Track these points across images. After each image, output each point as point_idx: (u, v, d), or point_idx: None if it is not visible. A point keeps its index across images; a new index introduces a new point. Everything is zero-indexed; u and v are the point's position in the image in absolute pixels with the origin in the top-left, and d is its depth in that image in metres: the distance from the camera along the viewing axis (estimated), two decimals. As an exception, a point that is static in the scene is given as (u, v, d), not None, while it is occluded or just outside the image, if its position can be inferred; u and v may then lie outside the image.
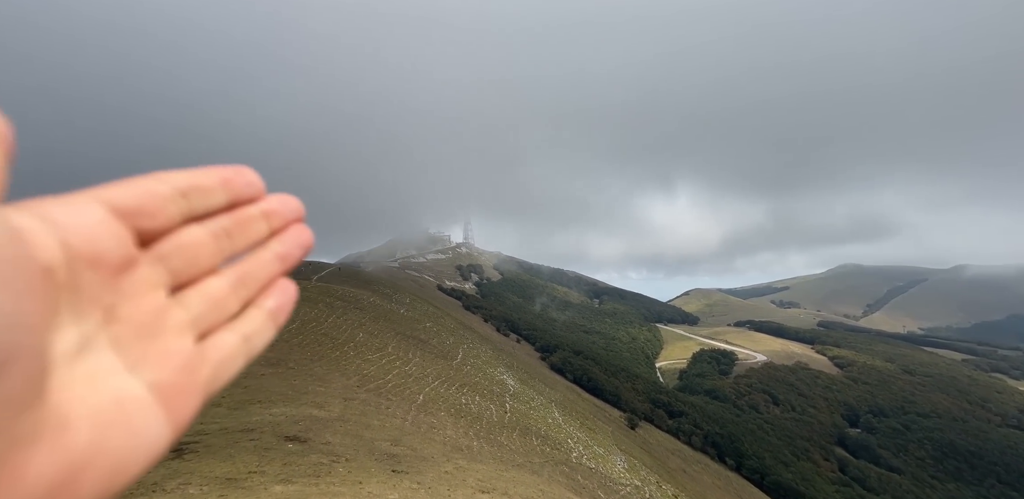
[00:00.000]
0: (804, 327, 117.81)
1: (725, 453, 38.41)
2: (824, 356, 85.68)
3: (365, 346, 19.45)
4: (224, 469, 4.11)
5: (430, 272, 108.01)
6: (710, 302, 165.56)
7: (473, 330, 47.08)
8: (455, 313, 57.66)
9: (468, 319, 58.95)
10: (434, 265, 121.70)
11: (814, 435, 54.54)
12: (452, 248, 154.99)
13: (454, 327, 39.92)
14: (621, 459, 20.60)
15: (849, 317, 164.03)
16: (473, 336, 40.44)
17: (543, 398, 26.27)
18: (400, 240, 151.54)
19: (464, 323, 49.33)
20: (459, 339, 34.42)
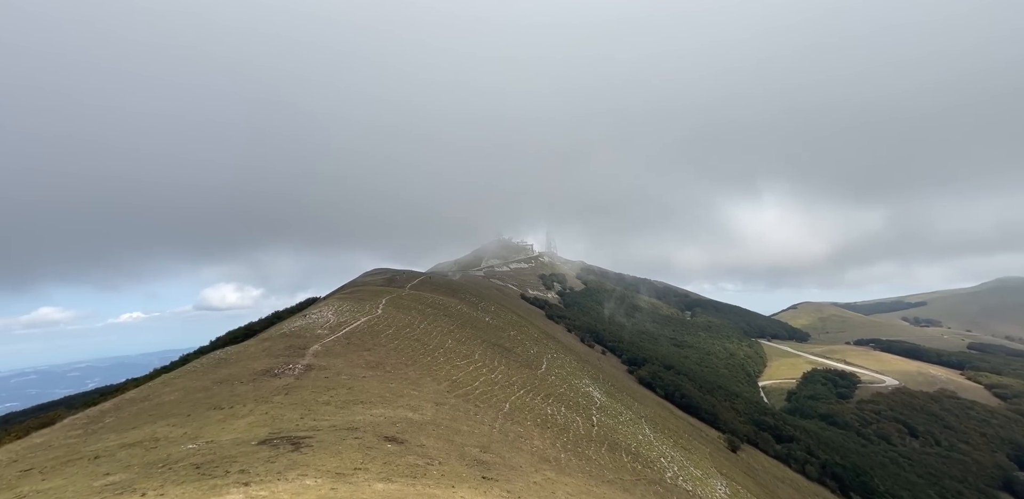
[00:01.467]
0: (949, 349, 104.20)
1: (849, 487, 35.57)
2: (978, 383, 75.95)
3: (454, 353, 20.38)
4: (334, 464, 4.41)
5: (514, 281, 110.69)
6: (822, 317, 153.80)
7: (557, 340, 46.86)
8: (539, 322, 57.81)
9: (551, 329, 58.64)
10: (517, 274, 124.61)
11: (969, 476, 49.09)
12: (534, 257, 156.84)
13: (538, 336, 40.20)
14: (722, 484, 19.66)
15: (1012, 339, 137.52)
16: (557, 346, 40.15)
17: (632, 413, 25.77)
18: (484, 250, 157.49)
19: (548, 332, 49.41)
20: (543, 348, 34.33)
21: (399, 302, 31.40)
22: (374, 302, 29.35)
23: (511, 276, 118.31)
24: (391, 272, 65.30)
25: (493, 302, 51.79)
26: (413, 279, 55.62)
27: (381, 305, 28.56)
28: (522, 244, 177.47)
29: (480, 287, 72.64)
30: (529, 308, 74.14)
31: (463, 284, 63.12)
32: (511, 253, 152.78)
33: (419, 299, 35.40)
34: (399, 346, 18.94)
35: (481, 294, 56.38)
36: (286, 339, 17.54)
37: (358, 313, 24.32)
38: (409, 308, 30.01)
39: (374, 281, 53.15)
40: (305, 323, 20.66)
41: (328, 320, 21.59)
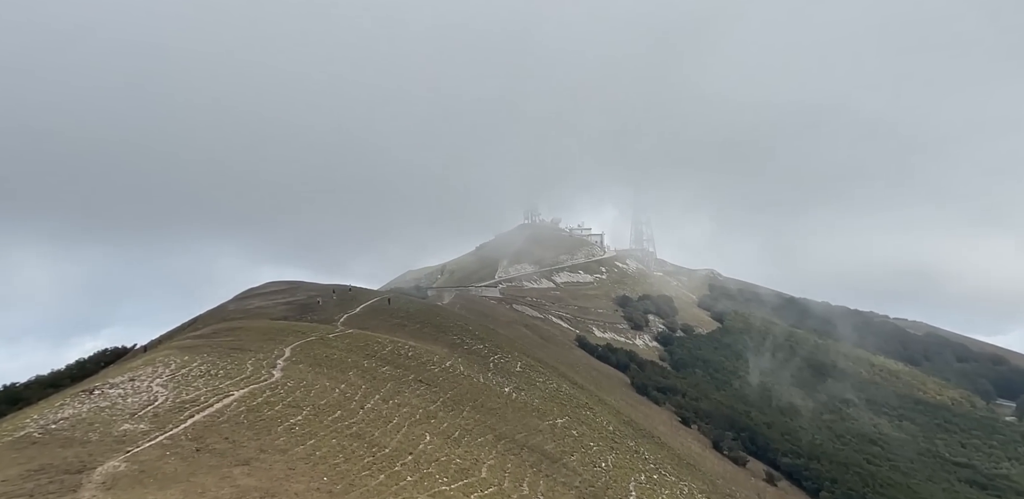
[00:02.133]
0: None
1: None
2: None
3: (436, 463, 19.01)
4: None
5: (563, 308, 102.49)
6: None
7: (661, 443, 45.20)
8: (616, 398, 55.76)
9: (646, 414, 56.35)
10: (570, 295, 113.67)
11: None
12: (604, 260, 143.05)
13: (617, 432, 38.89)
14: None
15: None
16: (660, 456, 39.42)
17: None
18: (502, 244, 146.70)
19: (637, 424, 47.37)
20: (630, 461, 33.56)
21: (320, 353, 30.41)
22: (265, 354, 27.69)
23: (557, 299, 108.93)
24: (304, 288, 65.69)
25: (520, 352, 50.87)
26: (352, 303, 55.34)
27: (282, 359, 27.09)
28: (577, 234, 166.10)
29: (494, 321, 71.31)
30: (594, 367, 70.57)
31: (457, 315, 61.89)
32: (556, 251, 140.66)
33: (364, 346, 34.85)
34: (316, 452, 16.75)
35: (495, 335, 55.27)
36: (38, 451, 14.31)
37: (225, 379, 21.93)
38: (342, 365, 28.95)
39: (267, 308, 52.83)
40: (93, 408, 17.55)
41: (152, 398, 18.66)
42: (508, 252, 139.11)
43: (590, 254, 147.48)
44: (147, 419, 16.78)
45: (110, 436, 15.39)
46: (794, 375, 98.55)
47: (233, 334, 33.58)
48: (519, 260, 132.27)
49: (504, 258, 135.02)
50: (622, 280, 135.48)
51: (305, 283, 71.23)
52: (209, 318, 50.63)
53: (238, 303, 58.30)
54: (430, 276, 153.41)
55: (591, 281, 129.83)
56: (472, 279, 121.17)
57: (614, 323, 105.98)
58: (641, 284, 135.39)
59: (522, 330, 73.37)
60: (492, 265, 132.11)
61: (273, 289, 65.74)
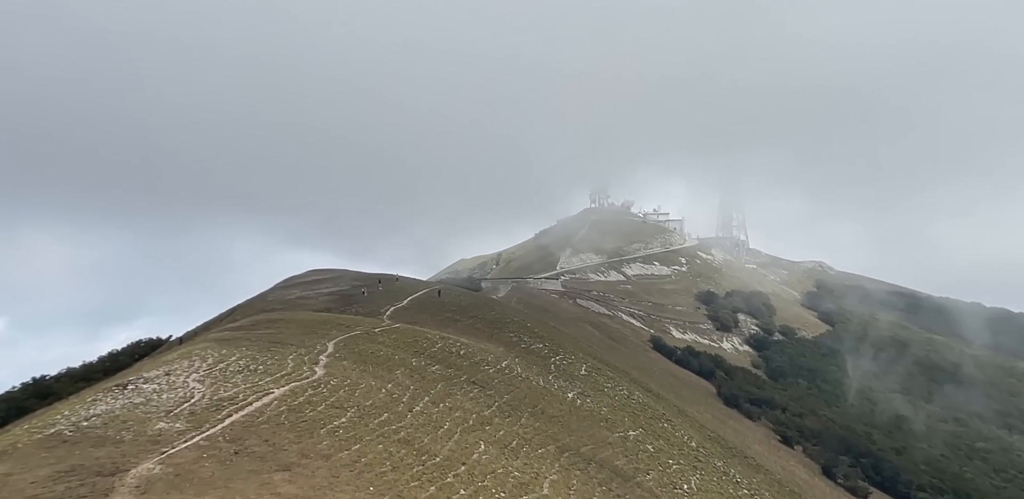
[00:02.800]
0: None
1: None
2: None
3: (492, 475, 18.69)
4: None
5: (635, 305, 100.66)
6: None
7: (756, 465, 43.78)
8: (699, 409, 54.57)
9: (737, 430, 54.64)
10: (643, 290, 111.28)
11: None
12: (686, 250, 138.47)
13: (701, 449, 37.91)
14: None
15: None
16: (760, 481, 38.57)
17: None
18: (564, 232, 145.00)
19: (726, 441, 46.15)
20: (718, 484, 32.68)
21: (365, 349, 30.53)
22: (306, 349, 27.91)
23: (628, 294, 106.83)
24: (347, 277, 66.90)
25: (584, 353, 50.34)
26: (398, 294, 55.72)
27: (324, 355, 27.25)
28: (652, 220, 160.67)
29: (556, 316, 70.95)
30: (671, 373, 68.92)
31: (514, 310, 61.71)
32: (627, 239, 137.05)
33: (412, 342, 34.99)
34: (361, 458, 16.65)
35: (556, 334, 54.69)
36: (69, 450, 14.58)
37: (264, 375, 22.05)
38: (389, 363, 28.98)
39: (309, 298, 53.75)
40: (127, 404, 17.84)
41: (189, 394, 18.87)
42: (571, 240, 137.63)
43: (667, 243, 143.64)
44: (183, 418, 16.93)
45: (144, 435, 15.55)
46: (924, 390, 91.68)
47: (273, 326, 34.21)
48: (584, 249, 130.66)
49: (567, 247, 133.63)
50: (705, 273, 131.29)
51: (349, 272, 72.57)
52: (248, 308, 52.07)
53: (278, 293, 59.77)
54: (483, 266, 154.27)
55: (668, 274, 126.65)
56: (530, 270, 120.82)
57: (696, 323, 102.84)
58: (729, 278, 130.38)
59: (587, 328, 72.54)
60: (553, 255, 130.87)
61: (315, 278, 67.17)
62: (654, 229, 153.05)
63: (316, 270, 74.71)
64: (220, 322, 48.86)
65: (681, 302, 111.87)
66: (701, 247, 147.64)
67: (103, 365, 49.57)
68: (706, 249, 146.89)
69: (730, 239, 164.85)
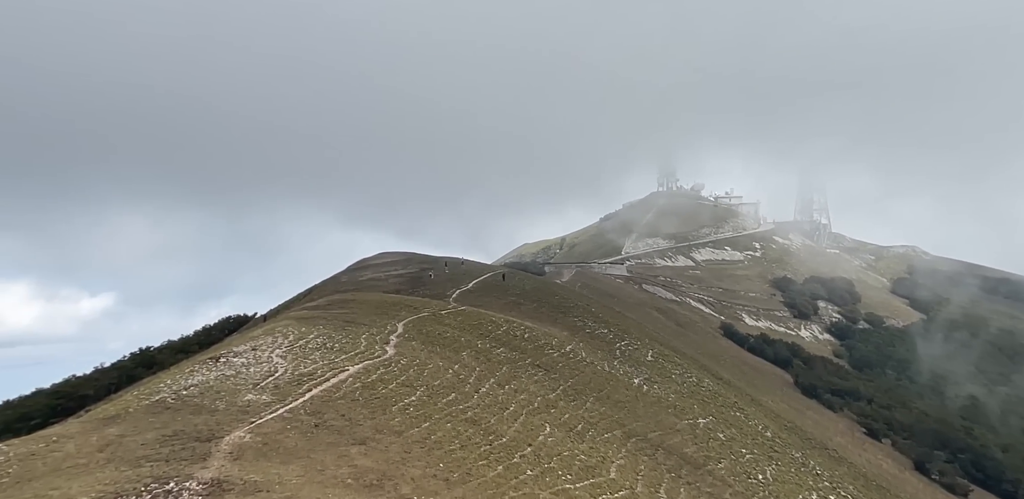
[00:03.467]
0: None
1: None
2: None
3: (556, 457, 19.01)
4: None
5: (704, 291, 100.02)
6: None
7: (838, 457, 42.89)
8: (774, 398, 53.92)
9: (817, 421, 53.46)
10: (713, 275, 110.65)
11: None
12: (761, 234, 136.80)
13: (777, 439, 37.46)
14: None
15: None
16: (843, 473, 37.56)
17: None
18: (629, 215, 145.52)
19: (804, 431, 45.37)
20: (796, 475, 32.09)
21: (433, 330, 31.69)
22: (378, 328, 29.31)
23: (697, 280, 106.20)
24: (416, 260, 69.07)
25: (650, 339, 50.62)
26: (464, 278, 57.22)
27: (394, 335, 28.53)
28: (724, 203, 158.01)
29: (619, 302, 71.34)
30: (744, 361, 68.10)
31: (578, 294, 62.33)
32: (696, 223, 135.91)
33: (477, 325, 35.96)
34: (431, 436, 17.55)
35: (621, 319, 55.12)
36: (172, 416, 16.22)
37: (340, 353, 23.53)
38: (455, 344, 29.96)
39: (379, 280, 55.91)
40: (220, 376, 19.58)
41: (273, 369, 20.50)
42: (637, 224, 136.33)
43: (740, 227, 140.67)
44: (268, 390, 18.49)
45: (235, 406, 17.12)
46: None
47: (347, 306, 35.83)
48: (650, 233, 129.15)
49: (632, 231, 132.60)
50: (781, 258, 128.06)
51: (417, 255, 74.61)
52: (324, 289, 54.67)
53: (351, 274, 62.34)
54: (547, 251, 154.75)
55: (740, 259, 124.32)
56: (595, 255, 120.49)
57: (771, 310, 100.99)
58: (808, 263, 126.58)
59: (653, 314, 72.56)
60: (617, 239, 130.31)
61: (386, 260, 69.54)
62: (725, 213, 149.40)
63: (386, 253, 77.15)
64: (299, 301, 51.60)
65: (754, 288, 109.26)
66: (777, 231, 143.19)
67: (198, 338, 53.95)
68: (783, 233, 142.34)
69: (809, 223, 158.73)
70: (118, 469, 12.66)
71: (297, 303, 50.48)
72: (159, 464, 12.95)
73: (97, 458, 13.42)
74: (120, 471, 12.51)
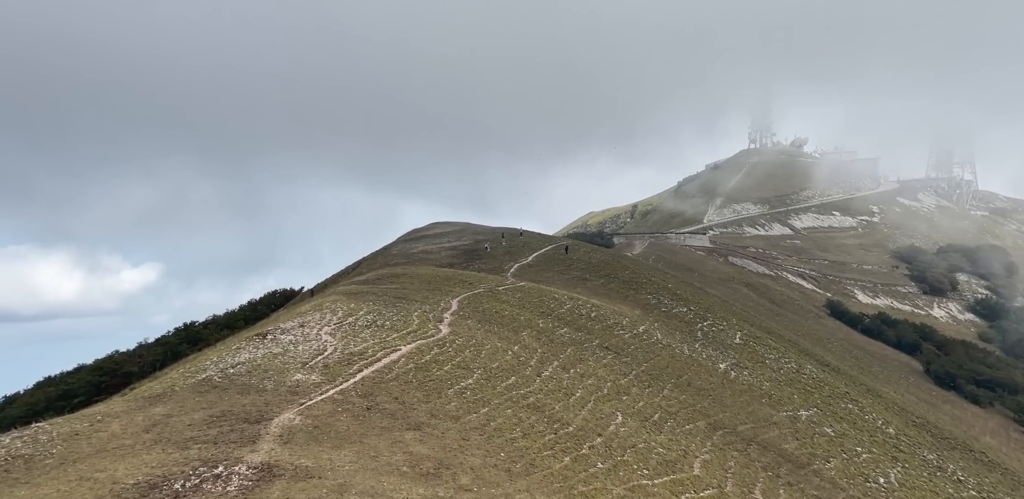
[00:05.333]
0: None
1: None
2: None
3: (630, 450, 18.72)
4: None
5: (805, 264, 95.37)
6: None
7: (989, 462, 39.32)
8: (897, 389, 50.76)
9: (957, 418, 49.78)
10: (816, 245, 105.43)
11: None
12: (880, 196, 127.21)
13: (902, 437, 34.74)
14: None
15: None
16: (995, 481, 34.46)
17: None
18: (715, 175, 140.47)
19: (939, 429, 41.88)
20: (929, 480, 29.44)
21: (490, 308, 31.87)
22: (431, 305, 29.66)
23: (797, 250, 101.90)
24: (470, 231, 69.47)
25: (738, 319, 49.53)
26: (523, 250, 57.61)
27: (448, 313, 28.81)
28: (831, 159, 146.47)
29: (701, 277, 70.45)
30: (856, 345, 64.40)
31: (652, 268, 61.98)
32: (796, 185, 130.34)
33: (538, 302, 36.02)
34: (490, 422, 17.57)
35: (703, 297, 54.38)
36: (219, 396, 16.64)
37: (391, 331, 23.71)
38: (514, 323, 30.02)
39: (431, 253, 56.49)
40: (267, 354, 20.00)
41: (322, 347, 20.83)
42: (723, 187, 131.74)
43: (852, 188, 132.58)
44: (318, 370, 18.80)
45: (284, 386, 17.46)
46: None
47: (398, 281, 36.26)
48: (739, 198, 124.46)
49: (717, 195, 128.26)
50: (907, 223, 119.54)
51: (471, 225, 74.81)
52: (372, 262, 55.50)
53: (402, 246, 63.05)
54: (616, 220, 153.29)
55: (852, 226, 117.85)
56: (672, 223, 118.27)
57: (892, 285, 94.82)
58: (944, 229, 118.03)
59: (742, 291, 70.84)
60: (700, 205, 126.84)
61: (438, 231, 69.99)
62: (833, 171, 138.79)
63: (438, 223, 77.66)
64: (347, 275, 52.54)
65: (870, 260, 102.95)
66: (902, 191, 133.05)
67: (243, 314, 55.65)
68: (909, 193, 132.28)
69: (947, 180, 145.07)
70: (165, 451, 13.01)
71: (345, 277, 51.39)
72: (207, 446, 13.24)
73: (143, 439, 13.83)
74: (167, 453, 12.86)
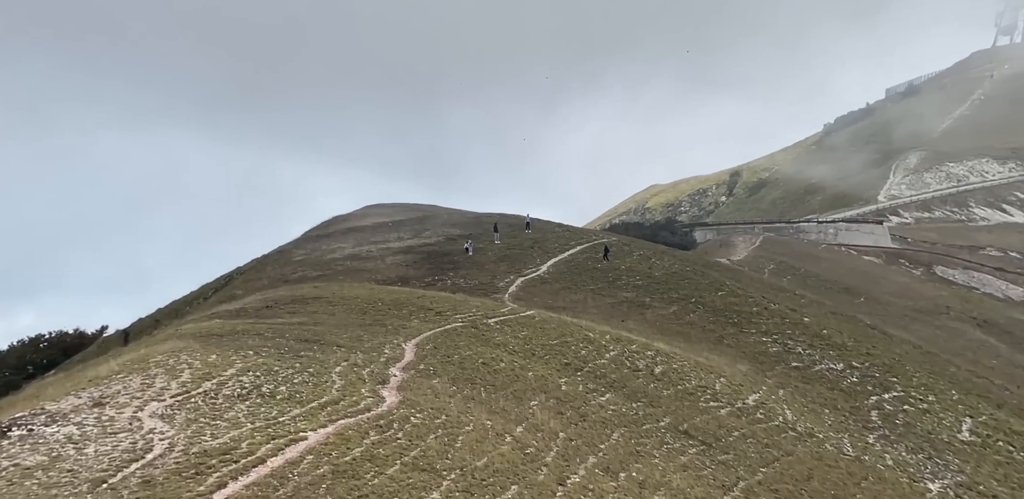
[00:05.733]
0: None
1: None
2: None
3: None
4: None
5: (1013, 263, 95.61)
6: None
7: None
8: None
9: None
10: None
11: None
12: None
13: None
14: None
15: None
16: None
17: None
18: (907, 113, 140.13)
19: None
20: None
21: (472, 356, 32.27)
22: (366, 353, 29.79)
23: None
24: (439, 220, 70.35)
25: (962, 389, 49.65)
26: (531, 253, 58.62)
27: (398, 367, 29.25)
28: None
29: (871, 304, 71.49)
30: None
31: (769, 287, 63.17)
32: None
33: (559, 346, 36.70)
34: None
35: (879, 342, 54.84)
36: None
37: (289, 405, 23.54)
38: (516, 384, 30.45)
39: (366, 258, 56.57)
40: (13, 472, 18.64)
41: (141, 446, 20.03)
42: (925, 130, 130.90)
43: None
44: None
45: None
46: None
47: (303, 311, 35.84)
48: (960, 151, 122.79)
49: (909, 149, 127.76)
50: None
51: (440, 209, 74.61)
52: (254, 276, 54.57)
53: (311, 246, 62.38)
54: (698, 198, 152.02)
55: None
56: (808, 204, 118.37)
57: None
58: None
59: (969, 334, 70.07)
60: (869, 168, 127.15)
61: (378, 221, 69.45)
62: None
63: (377, 206, 77.23)
64: (201, 302, 51.49)
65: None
66: None
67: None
68: None
69: None
70: None
71: (197, 307, 50.48)
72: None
73: None
74: None
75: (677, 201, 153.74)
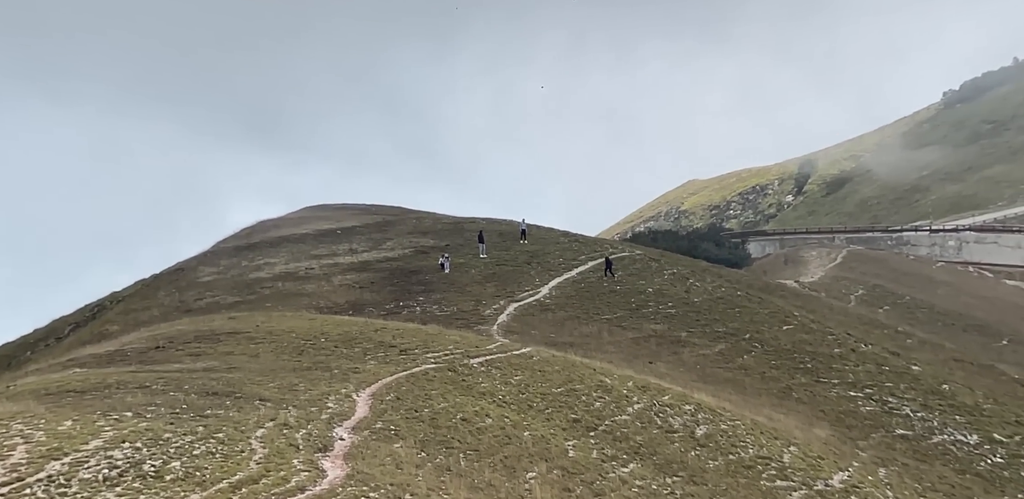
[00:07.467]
0: None
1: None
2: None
3: None
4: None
5: None
6: None
7: None
8: None
9: None
10: None
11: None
12: None
13: None
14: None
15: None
16: None
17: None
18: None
19: None
20: None
21: (449, 411, 34.25)
22: (301, 408, 31.58)
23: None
24: (405, 225, 72.44)
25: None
26: (526, 270, 60.60)
27: (346, 427, 30.40)
28: None
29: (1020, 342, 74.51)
30: None
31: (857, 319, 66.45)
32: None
33: (564, 394, 37.93)
34: None
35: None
36: None
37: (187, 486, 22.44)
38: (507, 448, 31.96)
39: (305, 277, 58.26)
40: None
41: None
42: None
43: None
44: None
45: None
46: None
47: (212, 352, 36.19)
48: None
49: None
50: None
51: (409, 212, 74.91)
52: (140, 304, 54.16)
53: (226, 262, 62.16)
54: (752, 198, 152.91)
55: None
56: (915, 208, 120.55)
57: None
58: None
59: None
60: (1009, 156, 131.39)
61: (322, 227, 69.32)
62: None
63: (320, 207, 77.37)
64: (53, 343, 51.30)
65: None
66: None
67: None
68: None
69: None
70: None
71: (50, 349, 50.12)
72: None
73: None
74: None
75: (724, 202, 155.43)
